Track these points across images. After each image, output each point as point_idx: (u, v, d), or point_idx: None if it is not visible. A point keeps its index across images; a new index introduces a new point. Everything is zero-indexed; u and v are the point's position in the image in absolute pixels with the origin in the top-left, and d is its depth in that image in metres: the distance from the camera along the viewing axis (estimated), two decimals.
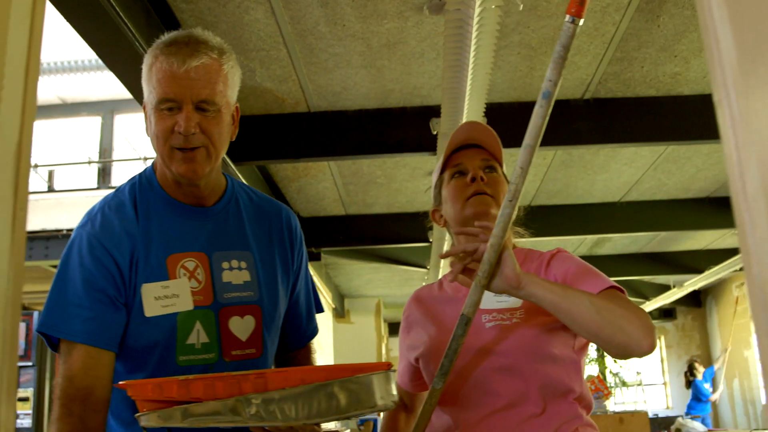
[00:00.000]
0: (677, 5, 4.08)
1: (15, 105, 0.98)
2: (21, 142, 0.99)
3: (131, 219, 1.65)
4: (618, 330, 1.43)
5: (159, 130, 1.58)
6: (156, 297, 1.60)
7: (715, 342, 14.64)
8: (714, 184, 7.45)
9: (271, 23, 4.05)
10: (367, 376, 1.37)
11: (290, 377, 1.38)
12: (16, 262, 0.96)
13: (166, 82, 1.56)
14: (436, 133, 4.84)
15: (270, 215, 1.85)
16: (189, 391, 1.36)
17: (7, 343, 0.94)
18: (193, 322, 1.62)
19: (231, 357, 1.65)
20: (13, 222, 0.96)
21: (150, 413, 1.36)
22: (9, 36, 0.98)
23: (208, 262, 1.66)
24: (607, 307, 1.45)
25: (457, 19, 3.29)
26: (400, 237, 8.06)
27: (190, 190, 1.69)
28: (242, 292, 1.69)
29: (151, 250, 1.63)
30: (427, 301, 1.89)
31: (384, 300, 13.94)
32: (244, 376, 1.38)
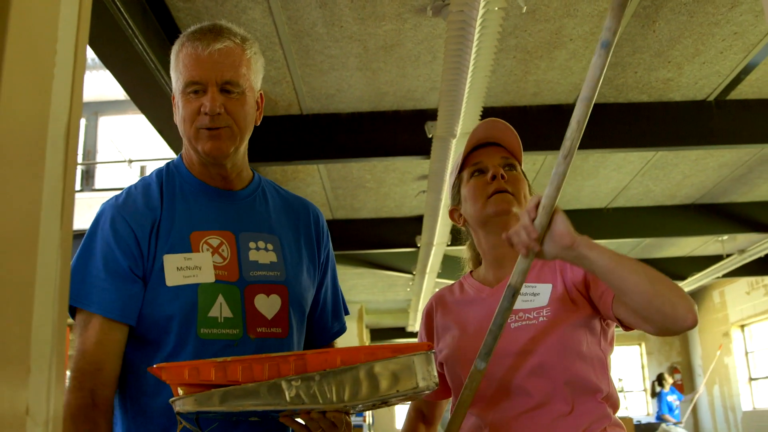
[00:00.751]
0: (673, 11, 4.10)
1: (65, 96, 0.96)
2: (69, 131, 0.96)
3: (156, 197, 1.69)
4: (668, 302, 1.40)
5: (186, 113, 1.63)
6: (178, 267, 1.61)
7: (695, 349, 14.75)
8: (700, 191, 7.51)
9: (268, 23, 4.02)
10: (409, 356, 1.34)
11: (330, 359, 1.35)
12: (64, 254, 0.93)
13: (191, 65, 1.61)
14: (432, 136, 4.83)
15: (297, 208, 1.85)
16: (226, 373, 1.33)
17: (55, 334, 0.91)
18: (216, 295, 1.61)
19: (256, 334, 1.63)
20: (62, 213, 0.94)
21: (186, 397, 1.31)
22: (59, 31, 0.95)
23: (234, 240, 1.68)
24: (659, 278, 1.42)
25: (459, 20, 3.28)
26: (387, 242, 8.05)
27: (217, 171, 1.71)
28: (269, 272, 1.69)
29: (174, 225, 1.66)
30: (450, 304, 1.86)
31: (366, 306, 13.92)
32: (283, 358, 1.34)
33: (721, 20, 4.23)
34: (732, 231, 8.20)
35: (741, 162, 6.71)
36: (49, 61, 0.89)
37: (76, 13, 1.01)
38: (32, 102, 0.90)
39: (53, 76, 0.88)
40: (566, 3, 3.95)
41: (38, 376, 0.85)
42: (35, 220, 0.90)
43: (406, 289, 11.67)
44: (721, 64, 4.82)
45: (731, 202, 7.90)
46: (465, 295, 1.85)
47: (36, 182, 0.91)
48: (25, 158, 0.90)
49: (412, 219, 7.75)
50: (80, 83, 0.98)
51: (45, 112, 0.91)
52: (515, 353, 1.62)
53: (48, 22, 0.96)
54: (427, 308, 1.91)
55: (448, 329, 1.81)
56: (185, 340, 1.59)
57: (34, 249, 0.90)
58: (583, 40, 4.37)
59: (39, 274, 0.90)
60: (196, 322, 1.59)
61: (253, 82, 1.70)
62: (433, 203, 6.14)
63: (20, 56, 0.91)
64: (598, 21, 4.15)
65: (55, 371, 0.89)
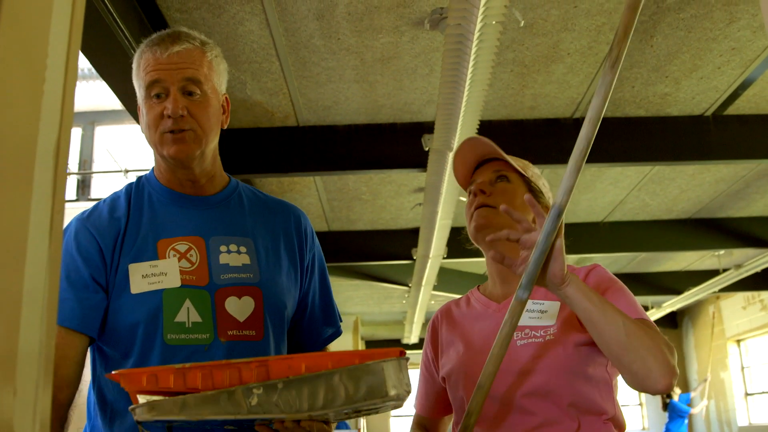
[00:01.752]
0: (671, 26, 4.10)
1: (55, 107, 0.94)
2: (59, 143, 0.94)
3: (122, 207, 1.67)
4: (640, 360, 1.40)
5: (150, 119, 1.61)
6: (143, 275, 1.59)
7: (691, 363, 14.72)
8: (696, 206, 7.50)
9: (265, 35, 4.01)
10: (377, 363, 1.26)
11: (294, 365, 1.28)
12: (52, 269, 0.91)
13: (151, 68, 1.60)
14: (428, 149, 4.82)
15: (276, 211, 1.81)
16: (186, 381, 1.27)
17: (44, 342, 0.89)
18: (182, 300, 1.58)
19: (227, 337, 1.59)
20: (51, 225, 0.92)
21: (144, 405, 1.26)
22: (50, 38, 0.94)
23: (204, 245, 1.65)
24: (637, 334, 1.41)
25: (457, 34, 3.27)
26: (383, 254, 8.02)
27: (185, 176, 1.68)
28: (240, 273, 1.65)
29: (140, 234, 1.64)
30: (456, 318, 1.83)
31: (362, 318, 13.89)
32: (245, 364, 1.28)
33: (718, 36, 4.23)
34: (728, 246, 8.20)
35: (738, 177, 6.71)
36: (39, 77, 0.87)
37: (67, 30, 0.99)
38: (21, 122, 0.88)
39: (43, 92, 0.86)
40: (564, 17, 3.94)
41: (24, 393, 0.83)
42: (23, 236, 0.88)
43: (401, 301, 11.65)
44: (718, 80, 4.82)
45: (728, 217, 7.90)
46: (471, 309, 1.81)
47: (24, 201, 0.89)
48: (12, 176, 0.88)
49: (408, 231, 7.73)
50: (71, 102, 0.96)
51: (34, 131, 0.89)
52: (519, 371, 1.60)
53: (38, 37, 0.94)
54: (433, 321, 1.88)
55: (452, 344, 1.77)
56: (151, 347, 1.56)
57: (22, 263, 0.87)
58: (581, 54, 4.37)
59: (26, 289, 0.88)
60: (162, 327, 1.56)
61: (216, 84, 1.68)
62: (429, 216, 6.12)
63: (9, 71, 0.89)
64: (595, 36, 4.15)
65: (42, 386, 0.87)
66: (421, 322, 12.01)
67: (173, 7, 3.73)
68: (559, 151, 5.21)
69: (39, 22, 0.96)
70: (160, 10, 3.76)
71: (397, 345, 15.55)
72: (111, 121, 8.98)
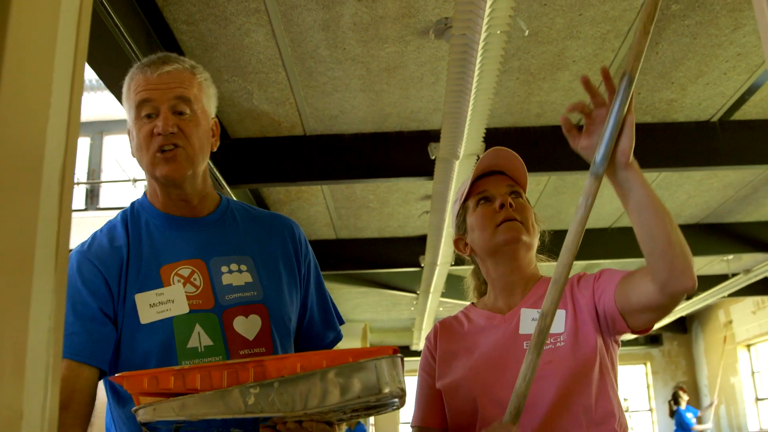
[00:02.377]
0: (676, 33, 4.10)
1: (61, 123, 0.95)
2: (66, 158, 0.95)
3: (121, 236, 1.67)
4: (681, 255, 1.41)
5: (140, 139, 1.63)
6: (151, 304, 1.59)
7: (701, 368, 14.66)
8: (704, 211, 7.49)
9: (271, 46, 4.03)
10: (370, 360, 1.28)
11: (289, 364, 1.31)
12: (59, 273, 0.92)
13: (142, 88, 1.62)
14: (435, 157, 4.82)
15: (269, 225, 1.82)
16: (185, 382, 1.31)
17: (51, 355, 0.90)
18: (192, 326, 1.59)
19: (239, 357, 1.60)
20: (58, 236, 0.93)
21: (146, 407, 1.30)
22: (56, 52, 0.95)
23: (205, 267, 1.66)
24: (682, 237, 1.43)
25: (462, 44, 3.28)
26: (391, 261, 8.03)
27: (178, 196, 1.69)
28: (244, 292, 1.67)
29: (142, 262, 1.64)
30: (456, 331, 1.82)
31: (371, 324, 13.88)
32: (242, 365, 1.32)
33: (724, 42, 4.23)
34: (737, 251, 8.18)
35: (746, 182, 6.70)
36: (46, 89, 0.88)
37: (73, 43, 1.01)
38: (29, 132, 0.89)
39: (48, 117, 0.88)
40: (569, 25, 3.95)
41: (33, 393, 0.84)
42: (30, 254, 0.89)
43: (410, 308, 11.65)
44: (724, 85, 4.81)
45: (736, 222, 7.88)
46: (473, 324, 1.81)
47: (31, 213, 0.90)
48: (20, 186, 0.90)
49: (416, 239, 7.73)
50: (77, 114, 0.97)
51: (41, 141, 0.91)
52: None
53: (45, 50, 0.96)
54: (430, 336, 1.87)
55: (455, 356, 1.77)
56: None
57: (30, 270, 0.89)
58: (586, 62, 4.37)
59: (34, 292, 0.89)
60: (176, 355, 1.57)
61: (205, 105, 1.70)
62: (436, 224, 6.12)
63: (18, 84, 0.90)
64: (600, 43, 4.16)
65: (50, 391, 0.88)
66: (430, 329, 12.00)
67: (180, 19, 3.76)
68: (566, 157, 5.20)
69: (46, 35, 0.97)
70: (167, 23, 3.79)
71: (405, 352, 15.56)
72: (119, 130, 9.02)
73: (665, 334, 14.98)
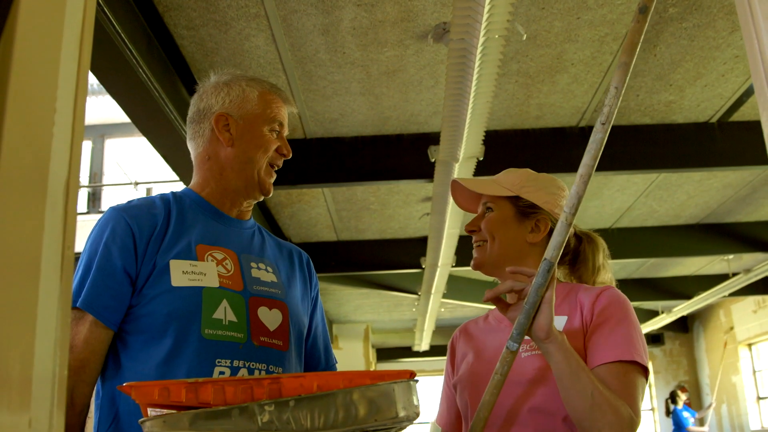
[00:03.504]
0: (674, 35, 4.13)
1: (66, 128, 0.98)
2: (71, 165, 0.98)
3: (159, 207, 1.75)
4: (602, 418, 1.46)
5: (264, 143, 1.81)
6: (184, 271, 1.65)
7: (702, 368, 14.67)
8: (704, 211, 7.51)
9: (271, 50, 4.05)
10: (389, 384, 1.29)
11: (306, 383, 1.30)
12: (65, 281, 0.95)
13: (278, 109, 1.85)
14: (435, 160, 4.85)
15: (288, 251, 1.96)
16: (198, 395, 1.28)
17: (58, 356, 0.93)
18: (220, 300, 1.65)
19: (260, 342, 1.67)
20: (63, 244, 0.95)
21: (155, 419, 1.27)
22: (61, 58, 0.98)
23: (237, 258, 1.75)
24: (602, 408, 1.47)
25: (460, 48, 3.31)
26: (392, 263, 8.05)
27: (240, 204, 1.84)
28: (270, 288, 1.76)
29: (181, 236, 1.71)
30: (473, 333, 1.90)
31: (372, 326, 13.90)
32: (257, 381, 1.31)
33: (721, 44, 4.25)
34: (737, 251, 8.19)
35: (745, 182, 6.72)
36: (48, 120, 0.91)
37: (77, 50, 1.04)
38: (31, 160, 0.92)
39: (53, 135, 0.90)
40: (567, 29, 3.98)
41: (38, 422, 0.87)
42: (36, 270, 0.92)
43: (411, 309, 11.67)
44: (723, 87, 4.84)
45: (736, 221, 7.90)
46: (487, 325, 1.88)
47: (38, 217, 0.93)
48: (24, 210, 0.92)
49: (417, 240, 7.76)
50: (81, 119, 1.00)
51: (47, 146, 0.93)
52: (522, 382, 1.63)
53: (50, 57, 0.98)
54: (453, 338, 1.95)
55: (464, 356, 1.84)
56: (186, 340, 1.60)
57: (35, 291, 0.91)
58: (585, 64, 4.40)
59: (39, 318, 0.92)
60: (201, 322, 1.61)
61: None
62: (437, 226, 6.15)
63: (23, 89, 0.93)
64: (598, 46, 4.18)
65: (57, 412, 0.90)
66: (431, 330, 12.01)
67: (180, 24, 3.78)
68: (565, 159, 5.23)
69: (50, 44, 1.00)
70: (168, 28, 3.82)
71: (407, 352, 15.57)
72: (121, 134, 9.05)
73: (667, 334, 15.00)
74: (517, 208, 1.83)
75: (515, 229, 1.80)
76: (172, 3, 3.62)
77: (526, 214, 1.82)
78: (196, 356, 1.58)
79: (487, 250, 1.80)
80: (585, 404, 1.46)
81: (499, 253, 1.79)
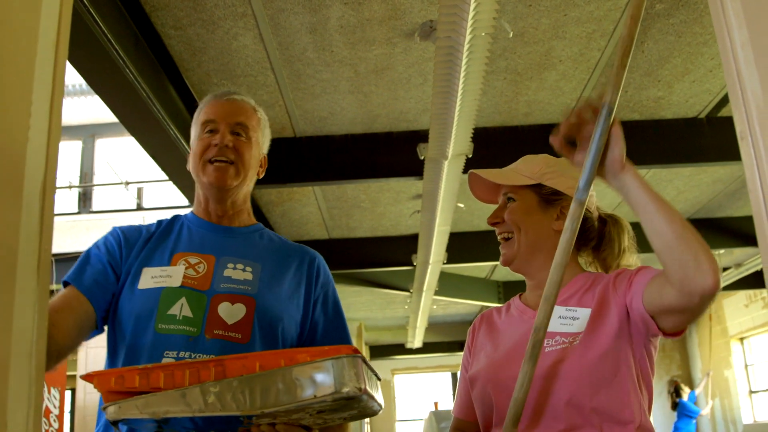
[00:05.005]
0: (661, 31, 4.14)
1: (42, 130, 0.98)
2: (47, 166, 0.98)
3: (152, 226, 1.89)
4: (692, 253, 1.36)
5: (198, 148, 1.85)
6: (152, 276, 1.76)
7: (695, 362, 14.72)
8: (695, 206, 7.53)
9: (259, 49, 4.05)
10: (328, 360, 1.30)
11: (249, 364, 1.35)
12: (40, 311, 0.95)
13: (209, 110, 1.88)
14: (424, 158, 4.85)
15: (292, 252, 1.94)
16: (149, 381, 1.36)
17: (34, 349, 0.93)
18: (178, 297, 1.72)
19: (212, 335, 1.70)
20: (41, 230, 0.96)
21: (112, 405, 1.36)
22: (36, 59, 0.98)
23: (214, 261, 1.80)
24: (690, 228, 1.39)
25: (447, 46, 3.31)
26: (383, 260, 8.06)
27: (216, 206, 1.88)
28: (239, 285, 1.78)
29: (164, 248, 1.82)
30: (493, 322, 1.84)
31: (365, 323, 13.90)
32: (203, 364, 1.37)
33: (709, 39, 4.26)
34: (728, 245, 8.21)
35: (735, 177, 6.74)
36: (23, 123, 0.91)
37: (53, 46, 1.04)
38: (6, 162, 0.92)
39: (28, 138, 0.90)
40: (554, 26, 3.98)
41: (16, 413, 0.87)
42: (12, 272, 0.92)
43: (404, 306, 11.68)
44: (711, 82, 4.85)
45: (727, 216, 7.92)
46: (510, 316, 1.82)
47: (13, 228, 0.93)
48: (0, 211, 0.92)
49: (408, 238, 7.76)
50: (56, 140, 1.00)
51: (20, 171, 0.93)
52: (546, 376, 1.59)
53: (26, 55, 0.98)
54: (473, 325, 1.90)
55: (483, 347, 1.79)
56: (143, 336, 1.69)
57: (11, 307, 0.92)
58: (573, 61, 4.41)
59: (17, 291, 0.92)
60: (155, 318, 1.69)
61: (259, 138, 1.92)
62: (427, 223, 6.15)
63: None
64: (586, 42, 4.19)
65: (33, 423, 0.91)
66: (424, 327, 12.02)
67: (168, 24, 3.78)
68: (555, 155, 5.23)
69: (25, 46, 1.00)
70: (155, 28, 3.81)
71: (401, 350, 15.60)
72: (111, 133, 9.02)
73: None
74: (540, 196, 1.77)
75: (540, 217, 1.74)
76: (159, 3, 3.62)
77: (550, 202, 1.76)
78: (148, 350, 1.66)
79: (515, 243, 1.73)
80: (676, 225, 1.38)
81: (527, 245, 1.73)
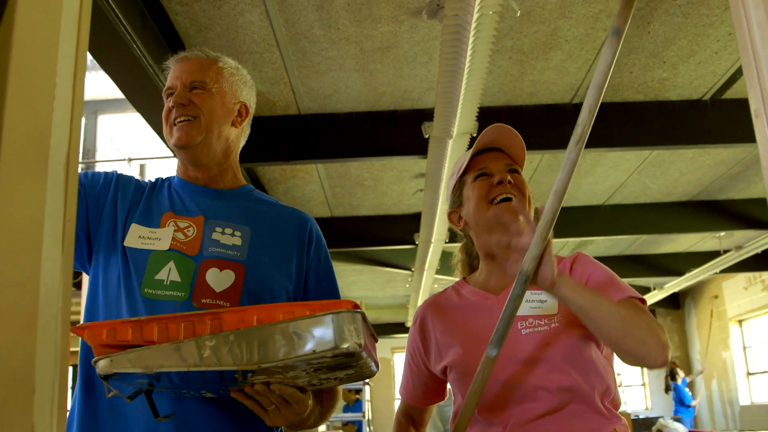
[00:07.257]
0: (668, 12, 4.13)
1: (66, 103, 0.99)
2: (71, 139, 0.99)
3: (146, 184, 1.84)
4: (640, 343, 1.45)
5: (163, 115, 1.79)
6: (140, 236, 1.70)
7: (693, 344, 14.80)
8: (697, 188, 7.54)
9: (265, 26, 4.05)
10: (326, 315, 1.26)
11: (246, 318, 1.30)
12: (66, 287, 0.97)
13: (170, 76, 1.82)
14: (428, 136, 4.86)
15: (283, 215, 1.87)
16: (143, 334, 1.31)
17: (59, 349, 0.95)
18: (166, 261, 1.67)
19: (200, 304, 1.63)
20: (64, 222, 0.97)
21: (104, 358, 1.30)
22: (60, 38, 0.99)
23: (202, 223, 1.75)
24: (632, 320, 1.46)
25: (454, 24, 3.31)
26: (385, 239, 8.07)
27: (193, 162, 1.80)
28: (227, 250, 1.73)
29: (152, 206, 1.77)
30: (447, 308, 1.84)
31: (366, 302, 13.95)
32: (199, 317, 1.32)
33: (715, 21, 4.26)
34: (729, 228, 8.24)
35: (737, 160, 6.74)
36: (48, 95, 0.92)
37: (75, 29, 1.05)
38: (32, 135, 0.93)
39: (53, 109, 0.91)
40: (561, 5, 3.98)
41: (42, 396, 0.89)
42: (38, 245, 0.94)
43: (405, 285, 11.71)
44: (716, 64, 4.85)
45: (728, 198, 7.93)
46: (465, 301, 1.82)
47: (39, 200, 0.94)
48: (26, 184, 0.94)
49: (411, 216, 7.78)
50: (80, 96, 1.01)
51: (45, 143, 0.95)
52: (525, 360, 1.63)
53: (50, 37, 1.00)
54: (420, 315, 1.88)
55: (451, 337, 1.78)
56: (131, 300, 1.63)
57: (36, 280, 0.93)
58: (578, 41, 4.40)
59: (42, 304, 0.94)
60: (142, 282, 1.64)
61: (225, 87, 1.82)
62: (430, 202, 6.17)
63: (24, 69, 0.94)
64: (592, 23, 4.18)
65: (58, 390, 0.93)
66: None
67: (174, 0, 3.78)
68: (558, 136, 5.24)
69: (50, 20, 1.01)
70: (161, 4, 3.80)
71: (401, 328, 15.65)
72: (114, 110, 9.02)
73: (659, 310, 15.10)
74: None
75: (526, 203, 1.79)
76: None
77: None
78: (135, 315, 1.59)
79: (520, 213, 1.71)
80: (617, 325, 1.46)
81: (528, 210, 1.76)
